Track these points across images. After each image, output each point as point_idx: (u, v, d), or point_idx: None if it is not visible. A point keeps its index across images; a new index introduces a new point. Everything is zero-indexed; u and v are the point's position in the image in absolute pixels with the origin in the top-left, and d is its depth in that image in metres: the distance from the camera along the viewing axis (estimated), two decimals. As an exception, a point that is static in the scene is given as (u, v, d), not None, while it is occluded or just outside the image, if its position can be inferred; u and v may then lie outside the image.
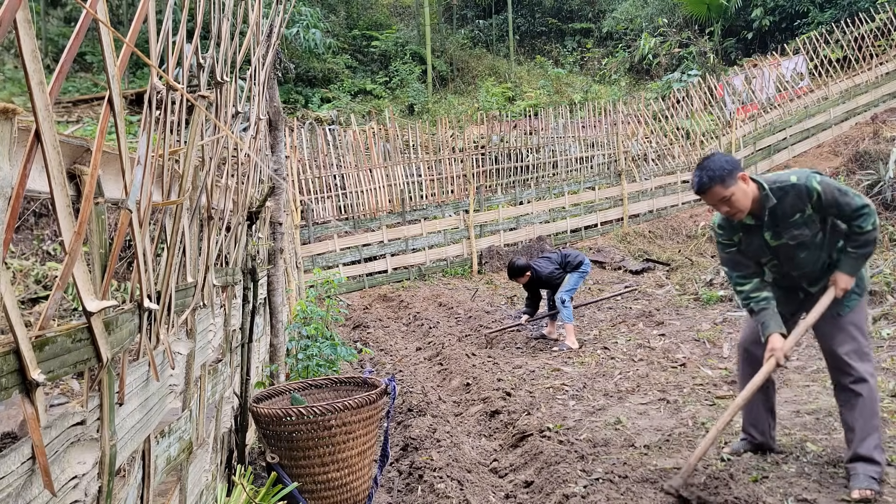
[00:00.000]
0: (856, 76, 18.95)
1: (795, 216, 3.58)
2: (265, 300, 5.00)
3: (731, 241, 3.79)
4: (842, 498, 3.45)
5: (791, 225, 3.60)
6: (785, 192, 3.55)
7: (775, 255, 3.74)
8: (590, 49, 29.05)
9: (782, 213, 3.59)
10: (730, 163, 3.54)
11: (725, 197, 3.52)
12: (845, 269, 3.61)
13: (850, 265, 3.61)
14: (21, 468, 1.18)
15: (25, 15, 1.06)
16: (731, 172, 3.50)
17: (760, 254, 3.77)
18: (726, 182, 3.49)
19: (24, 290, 7.93)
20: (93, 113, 13.54)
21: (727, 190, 3.50)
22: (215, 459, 3.11)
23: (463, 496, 3.66)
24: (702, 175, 3.54)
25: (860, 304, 3.71)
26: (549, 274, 7.67)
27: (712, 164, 3.54)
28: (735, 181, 3.50)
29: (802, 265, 3.72)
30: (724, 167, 3.50)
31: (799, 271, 3.76)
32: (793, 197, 3.55)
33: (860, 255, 3.58)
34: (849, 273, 3.61)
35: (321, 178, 13.53)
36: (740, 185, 3.52)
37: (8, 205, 1.07)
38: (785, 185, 3.56)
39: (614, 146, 16.51)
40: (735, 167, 3.53)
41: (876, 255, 10.17)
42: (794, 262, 3.72)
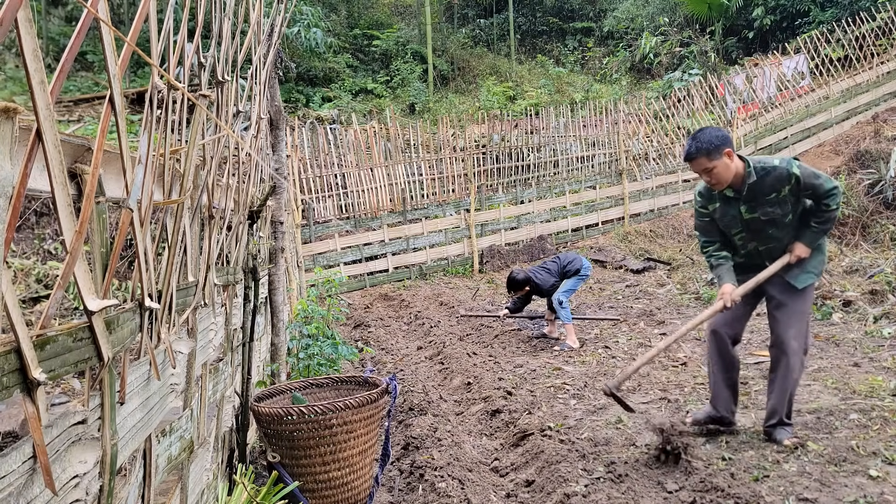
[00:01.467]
0: (857, 75, 18.93)
1: (771, 195, 4.01)
2: (266, 299, 5.00)
3: (707, 209, 4.25)
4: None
5: (766, 202, 4.03)
6: (767, 173, 3.99)
7: (745, 228, 4.17)
8: (591, 48, 29.04)
9: (760, 191, 4.01)
10: (719, 138, 3.95)
11: (708, 168, 3.96)
12: (805, 240, 4.11)
13: (809, 237, 4.10)
14: (22, 467, 1.18)
15: (27, 14, 1.06)
16: (719, 147, 3.92)
17: (732, 224, 4.20)
18: (711, 155, 3.92)
19: (25, 289, 7.94)
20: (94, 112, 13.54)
21: (711, 162, 3.93)
22: (216, 458, 3.11)
23: (464, 495, 3.66)
24: (692, 144, 3.99)
25: (811, 287, 4.20)
26: (551, 287, 7.61)
27: (703, 136, 3.97)
28: (721, 156, 3.93)
29: (768, 240, 4.17)
30: (712, 141, 3.92)
31: (764, 246, 4.19)
32: (773, 178, 3.98)
33: (820, 230, 4.09)
34: (807, 244, 4.11)
35: (322, 177, 13.52)
36: (724, 160, 3.94)
37: (9, 204, 1.07)
38: (767, 166, 4.00)
39: (615, 145, 16.50)
40: (723, 143, 3.93)
41: (877, 255, 10.18)
42: (762, 236, 4.16)
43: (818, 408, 4.73)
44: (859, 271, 8.94)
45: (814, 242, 4.11)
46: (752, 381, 5.55)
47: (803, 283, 4.14)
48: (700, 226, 4.39)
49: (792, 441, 4.12)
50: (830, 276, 8.78)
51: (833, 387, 5.18)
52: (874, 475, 3.64)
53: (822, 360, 5.93)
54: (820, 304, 7.75)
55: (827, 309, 7.57)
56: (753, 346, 6.57)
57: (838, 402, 4.81)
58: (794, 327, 4.14)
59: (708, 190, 4.18)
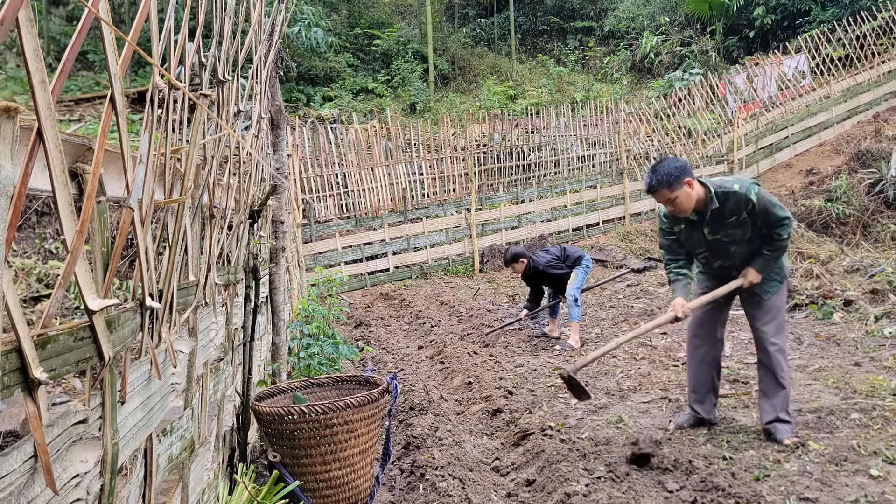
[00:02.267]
0: (857, 75, 18.93)
1: (732, 218, 4.14)
2: (267, 299, 5.00)
3: (672, 231, 4.41)
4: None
5: (727, 225, 4.17)
6: (727, 197, 4.11)
7: (709, 248, 4.33)
8: (591, 48, 29.03)
9: (721, 214, 4.15)
10: (678, 169, 4.05)
11: (671, 199, 4.08)
12: (756, 267, 4.27)
13: (760, 264, 4.26)
14: (23, 466, 1.18)
15: (27, 14, 1.06)
16: (679, 178, 4.03)
17: (696, 245, 4.37)
18: (673, 187, 4.04)
19: (26, 288, 7.94)
20: (95, 111, 13.55)
21: (673, 193, 4.06)
22: (217, 458, 3.11)
23: (465, 495, 3.66)
24: (652, 178, 4.10)
25: (781, 289, 4.37)
26: (547, 264, 7.64)
27: (663, 168, 4.07)
28: (681, 186, 4.04)
29: (731, 257, 4.33)
30: (671, 173, 4.03)
31: (728, 262, 4.35)
32: (732, 202, 4.10)
33: (771, 258, 4.24)
34: (758, 270, 4.26)
35: (323, 176, 13.52)
36: (685, 190, 4.06)
37: (10, 203, 1.07)
38: (728, 191, 4.11)
39: (616, 145, 16.49)
40: (682, 173, 4.04)
41: (878, 254, 10.18)
42: (725, 255, 4.33)
43: (819, 407, 4.73)
44: (860, 271, 8.94)
45: (765, 269, 4.27)
46: (752, 380, 5.55)
47: (770, 292, 4.34)
48: (665, 244, 4.56)
49: (792, 440, 4.14)
50: (831, 275, 8.78)
51: (834, 386, 5.18)
52: (875, 475, 3.64)
53: (823, 360, 5.92)
54: (821, 304, 7.74)
55: (828, 308, 7.56)
56: (753, 346, 6.56)
57: (839, 402, 4.81)
58: (768, 323, 4.32)
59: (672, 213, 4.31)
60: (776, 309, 4.34)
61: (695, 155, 16.82)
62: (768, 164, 17.14)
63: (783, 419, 4.25)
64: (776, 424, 4.25)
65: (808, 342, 6.56)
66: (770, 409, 4.29)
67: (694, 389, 4.63)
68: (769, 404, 4.31)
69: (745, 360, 6.16)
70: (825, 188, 13.46)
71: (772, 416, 4.28)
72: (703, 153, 17.09)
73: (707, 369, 4.59)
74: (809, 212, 12.57)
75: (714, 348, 4.62)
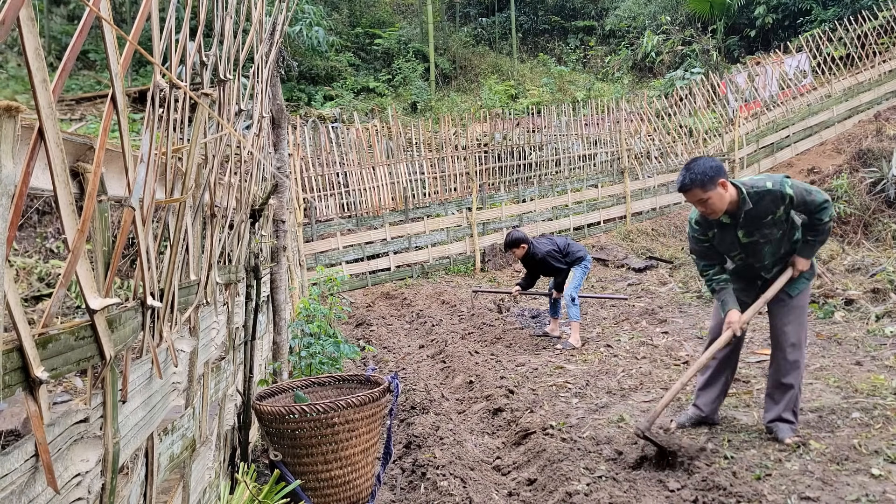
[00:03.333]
0: (859, 74, 18.91)
1: (767, 217, 4.06)
2: (268, 298, 5.00)
3: (706, 236, 4.31)
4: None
5: (763, 225, 4.09)
6: (761, 197, 4.02)
7: (743, 250, 4.25)
8: (593, 47, 29.02)
9: (756, 215, 4.06)
10: (713, 169, 3.95)
11: (703, 199, 3.99)
12: (804, 254, 4.22)
13: (808, 250, 4.21)
14: (24, 465, 1.18)
15: (29, 13, 1.06)
16: (713, 178, 3.93)
17: (730, 248, 4.28)
18: (706, 186, 3.94)
19: (27, 287, 7.95)
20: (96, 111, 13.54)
21: (706, 193, 3.96)
22: (218, 457, 3.11)
23: (466, 494, 3.66)
24: (686, 176, 3.99)
25: (807, 288, 4.32)
26: (547, 253, 7.64)
27: (697, 167, 3.97)
28: (715, 186, 3.94)
29: (764, 258, 4.25)
30: (707, 172, 3.93)
31: (760, 263, 4.28)
32: (768, 201, 4.02)
33: (817, 242, 4.18)
34: (806, 257, 4.22)
35: (324, 175, 13.53)
36: (719, 191, 3.96)
37: (11, 202, 1.07)
38: (761, 190, 4.02)
39: (617, 144, 16.49)
40: (717, 174, 3.94)
41: (879, 253, 10.17)
42: (758, 256, 4.24)
43: (820, 406, 4.73)
44: (861, 270, 8.93)
45: (812, 254, 4.23)
46: (753, 379, 5.55)
47: (798, 289, 4.29)
48: (698, 251, 4.43)
49: (793, 439, 4.13)
50: (832, 274, 8.77)
51: (835, 385, 5.18)
52: (876, 474, 3.64)
53: (825, 359, 5.92)
54: (822, 303, 7.74)
55: (829, 307, 7.56)
56: (755, 345, 6.57)
57: (840, 401, 4.81)
58: (791, 323, 4.26)
59: (703, 218, 4.21)
60: (800, 308, 4.28)
61: (696, 154, 16.81)
62: (769, 164, 17.12)
63: (786, 419, 4.23)
64: (778, 423, 4.25)
65: (810, 341, 6.56)
66: (773, 408, 4.29)
67: (703, 387, 4.59)
68: (774, 403, 4.30)
69: (746, 359, 6.16)
70: (826, 187, 13.42)
71: (774, 414, 4.27)
72: (705, 152, 17.08)
73: (724, 369, 4.54)
74: (811, 211, 12.55)
75: (735, 349, 4.57)
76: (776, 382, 4.29)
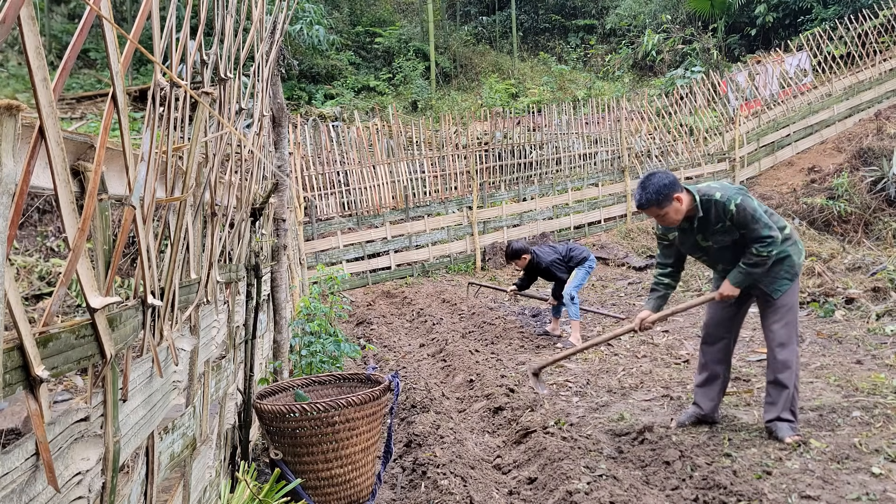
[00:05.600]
0: (859, 73, 18.90)
1: (718, 225, 4.17)
2: (269, 297, 5.00)
3: (666, 237, 4.49)
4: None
5: (715, 232, 4.21)
6: (709, 206, 4.16)
7: (704, 253, 4.40)
8: (593, 45, 29.01)
9: (707, 223, 4.20)
10: (667, 186, 4.07)
11: (660, 215, 4.17)
12: (731, 279, 4.26)
13: (735, 277, 4.23)
14: (25, 464, 1.18)
15: (29, 12, 1.06)
16: (668, 195, 4.07)
17: (693, 251, 4.44)
18: (661, 204, 4.09)
19: (27, 286, 7.95)
20: (96, 109, 13.54)
21: (661, 210, 4.12)
22: (219, 456, 3.11)
23: (466, 492, 3.66)
24: (641, 195, 4.13)
25: (792, 287, 4.30)
26: (551, 262, 7.64)
27: (652, 186, 4.09)
28: (670, 202, 4.09)
29: (729, 262, 4.32)
30: (661, 191, 4.07)
31: (731, 265, 4.32)
32: (715, 211, 4.14)
33: (747, 272, 4.17)
34: (733, 283, 4.25)
35: (324, 174, 13.52)
36: (674, 205, 4.11)
37: (12, 201, 1.07)
38: (710, 199, 4.15)
39: (618, 143, 16.48)
40: (672, 190, 4.08)
41: (879, 252, 10.17)
42: (723, 259, 4.36)
43: (821, 405, 4.73)
44: (862, 268, 8.93)
45: (741, 282, 4.23)
46: (754, 378, 5.55)
47: (780, 290, 4.30)
48: (660, 248, 4.67)
49: (793, 438, 4.14)
50: (833, 273, 8.77)
51: (836, 384, 5.18)
52: (877, 472, 3.64)
53: (825, 358, 5.92)
54: (822, 302, 7.74)
55: (829, 306, 7.56)
56: (756, 344, 6.57)
57: (841, 400, 4.81)
58: (777, 323, 4.30)
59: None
60: (786, 308, 4.30)
61: (696, 153, 16.81)
62: (770, 162, 17.12)
63: (784, 418, 4.24)
64: (777, 423, 4.26)
65: (810, 340, 6.56)
66: (772, 409, 4.30)
67: (701, 384, 4.63)
68: (772, 403, 4.31)
69: (746, 357, 6.16)
70: (827, 186, 13.44)
71: (773, 414, 4.28)
72: (705, 151, 17.08)
73: (718, 367, 4.60)
74: (811, 210, 12.56)
75: (727, 346, 4.62)
76: (770, 382, 4.33)
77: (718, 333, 4.58)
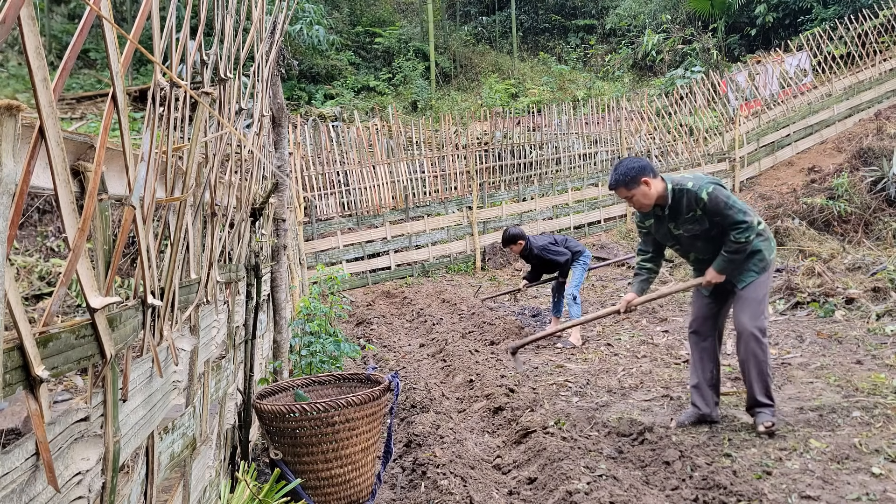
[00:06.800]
0: (859, 73, 18.91)
1: (689, 214, 4.31)
2: (268, 297, 5.00)
3: (643, 224, 4.62)
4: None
5: (686, 220, 4.34)
6: (681, 195, 4.29)
7: (678, 242, 4.53)
8: (593, 45, 29.01)
9: (679, 211, 4.33)
10: (634, 169, 4.26)
11: (628, 196, 4.35)
12: (715, 266, 4.37)
13: (718, 264, 4.35)
14: (25, 464, 1.18)
15: (29, 12, 1.06)
16: (636, 178, 4.25)
17: (666, 238, 4.57)
18: (629, 186, 4.28)
19: (28, 286, 7.95)
20: (96, 109, 13.54)
21: (630, 192, 4.31)
22: (219, 456, 3.11)
23: (466, 492, 3.66)
24: (612, 176, 4.37)
25: (757, 280, 4.37)
26: (543, 247, 7.71)
27: (622, 167, 4.32)
28: (638, 185, 4.26)
29: (700, 252, 4.50)
30: (628, 173, 4.27)
31: (703, 255, 4.50)
32: (687, 199, 4.27)
33: (729, 259, 4.29)
34: (716, 270, 4.37)
35: (324, 174, 13.52)
36: (642, 189, 4.27)
37: (12, 201, 1.07)
38: (683, 187, 4.28)
39: (618, 143, 16.48)
40: (640, 173, 4.26)
41: (880, 252, 10.16)
42: (694, 248, 4.51)
43: (821, 405, 4.73)
44: (862, 268, 8.92)
45: (724, 269, 4.35)
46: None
47: (744, 282, 4.38)
48: (640, 235, 4.80)
49: (766, 426, 4.27)
50: (833, 273, 8.76)
51: (836, 384, 5.18)
52: (877, 473, 3.64)
53: (825, 358, 5.92)
54: (822, 302, 7.74)
55: (829, 306, 7.56)
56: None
57: (841, 400, 4.81)
58: (746, 312, 4.37)
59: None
60: (752, 300, 4.37)
61: (696, 153, 16.81)
62: (770, 162, 17.12)
63: (761, 402, 4.38)
64: (755, 409, 4.41)
65: (810, 340, 6.56)
66: (749, 397, 4.46)
67: (696, 385, 4.69)
68: (748, 391, 4.46)
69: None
70: (827, 186, 13.42)
71: (750, 402, 4.45)
72: (705, 151, 17.08)
73: (707, 364, 4.66)
74: (811, 210, 12.54)
75: (713, 344, 4.70)
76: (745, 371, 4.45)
77: (703, 330, 4.68)
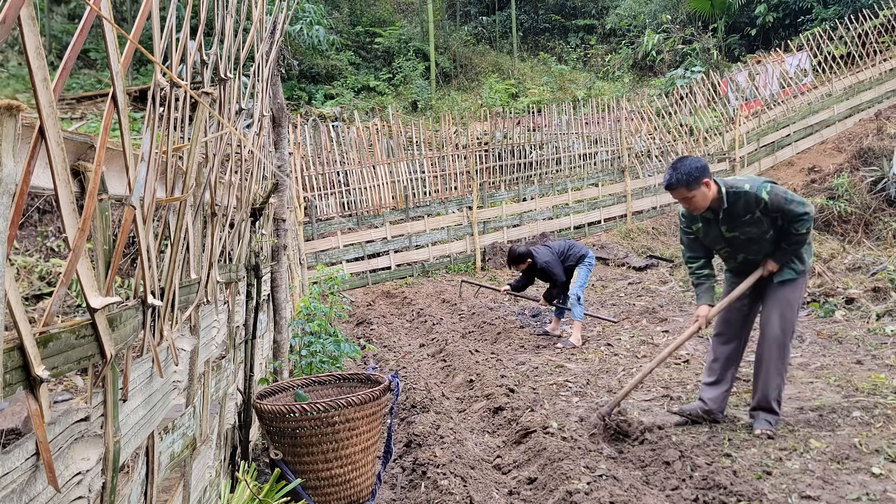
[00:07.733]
0: (859, 73, 18.90)
1: (746, 216, 4.25)
2: (269, 297, 5.00)
3: (691, 228, 4.54)
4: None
5: (743, 223, 4.29)
6: (737, 198, 4.23)
7: (728, 245, 4.45)
8: (593, 45, 29.00)
9: (735, 214, 4.27)
10: (698, 170, 4.16)
11: (688, 197, 4.21)
12: (775, 258, 4.38)
13: (779, 255, 4.36)
14: (25, 464, 1.18)
15: (29, 12, 1.06)
16: (698, 178, 4.14)
17: (715, 242, 4.49)
18: (691, 186, 4.16)
19: (28, 286, 7.95)
20: (96, 109, 13.54)
21: (690, 192, 4.18)
22: (219, 456, 3.11)
23: (466, 492, 3.66)
24: (672, 175, 4.21)
25: (795, 282, 4.40)
26: (545, 262, 7.67)
27: (683, 167, 4.18)
28: (699, 186, 4.16)
29: (753, 252, 4.42)
30: (691, 173, 4.14)
31: (752, 256, 4.44)
32: (744, 202, 4.22)
33: (790, 251, 4.32)
34: (777, 261, 4.37)
35: (324, 174, 13.51)
36: (702, 190, 4.18)
37: (12, 201, 1.07)
38: (739, 191, 4.22)
39: (618, 143, 16.48)
40: (702, 174, 4.16)
41: (880, 252, 10.16)
42: (746, 251, 4.43)
43: (821, 405, 4.73)
44: (862, 268, 8.92)
45: (783, 260, 4.36)
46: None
47: (780, 278, 4.40)
48: (685, 242, 4.69)
49: (761, 431, 4.31)
50: (833, 273, 8.77)
51: (836, 384, 5.18)
52: (877, 473, 3.64)
53: (825, 358, 5.92)
54: (823, 302, 7.74)
55: (829, 306, 7.56)
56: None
57: (841, 400, 4.81)
58: (776, 312, 4.38)
59: (689, 211, 4.43)
60: (785, 301, 4.37)
61: (696, 153, 16.80)
62: (770, 162, 17.12)
63: (763, 406, 4.40)
64: (759, 413, 4.43)
65: (810, 340, 6.56)
66: (756, 399, 4.47)
67: (710, 382, 4.68)
68: (757, 392, 4.46)
69: (747, 357, 6.15)
70: (827, 186, 13.43)
71: (753, 403, 4.47)
72: (705, 151, 17.08)
73: (730, 364, 4.66)
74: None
75: (738, 350, 4.68)
76: (757, 371, 4.46)
77: (731, 333, 4.64)
